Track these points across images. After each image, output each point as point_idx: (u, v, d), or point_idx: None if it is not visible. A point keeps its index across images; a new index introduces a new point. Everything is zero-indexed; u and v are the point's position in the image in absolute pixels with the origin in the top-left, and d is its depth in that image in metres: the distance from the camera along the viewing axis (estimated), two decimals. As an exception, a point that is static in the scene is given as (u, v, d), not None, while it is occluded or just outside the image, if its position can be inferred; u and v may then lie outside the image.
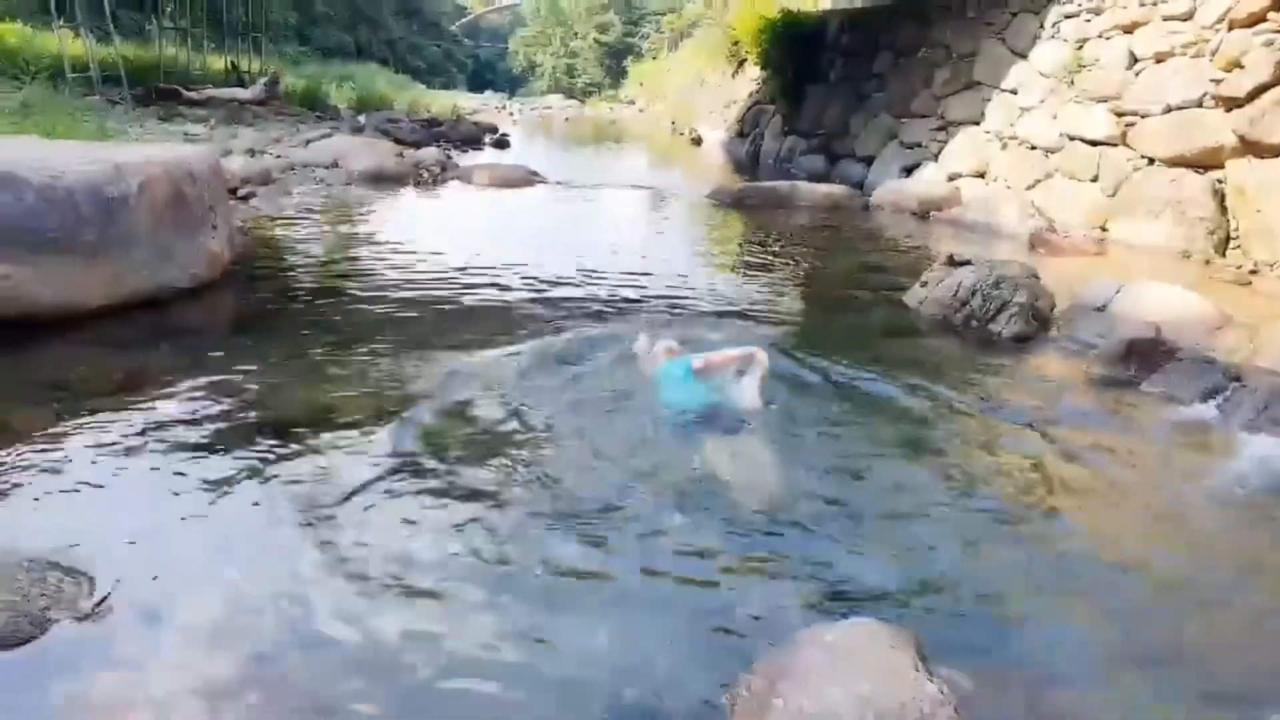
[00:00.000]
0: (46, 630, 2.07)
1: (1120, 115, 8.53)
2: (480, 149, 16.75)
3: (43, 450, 2.99)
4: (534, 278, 5.85)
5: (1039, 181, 9.51)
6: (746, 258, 7.24)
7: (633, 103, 42.18)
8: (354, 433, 3.31)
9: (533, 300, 5.31)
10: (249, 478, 2.92)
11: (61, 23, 14.05)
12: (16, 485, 2.75)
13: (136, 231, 4.57)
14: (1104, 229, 8.52)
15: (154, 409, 3.39)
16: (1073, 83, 9.25)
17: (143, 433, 3.18)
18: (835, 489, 3.07)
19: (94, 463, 2.93)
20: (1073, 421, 3.88)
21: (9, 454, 2.94)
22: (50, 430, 3.14)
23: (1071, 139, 9.13)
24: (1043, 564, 2.71)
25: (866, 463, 3.30)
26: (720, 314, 5.23)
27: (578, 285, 5.70)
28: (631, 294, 5.61)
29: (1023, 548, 2.81)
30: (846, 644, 1.97)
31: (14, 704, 1.90)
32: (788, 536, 2.75)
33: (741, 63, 21.46)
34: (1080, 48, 9.35)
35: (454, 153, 14.14)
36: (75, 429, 3.17)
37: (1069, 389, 4.33)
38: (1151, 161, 8.20)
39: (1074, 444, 3.62)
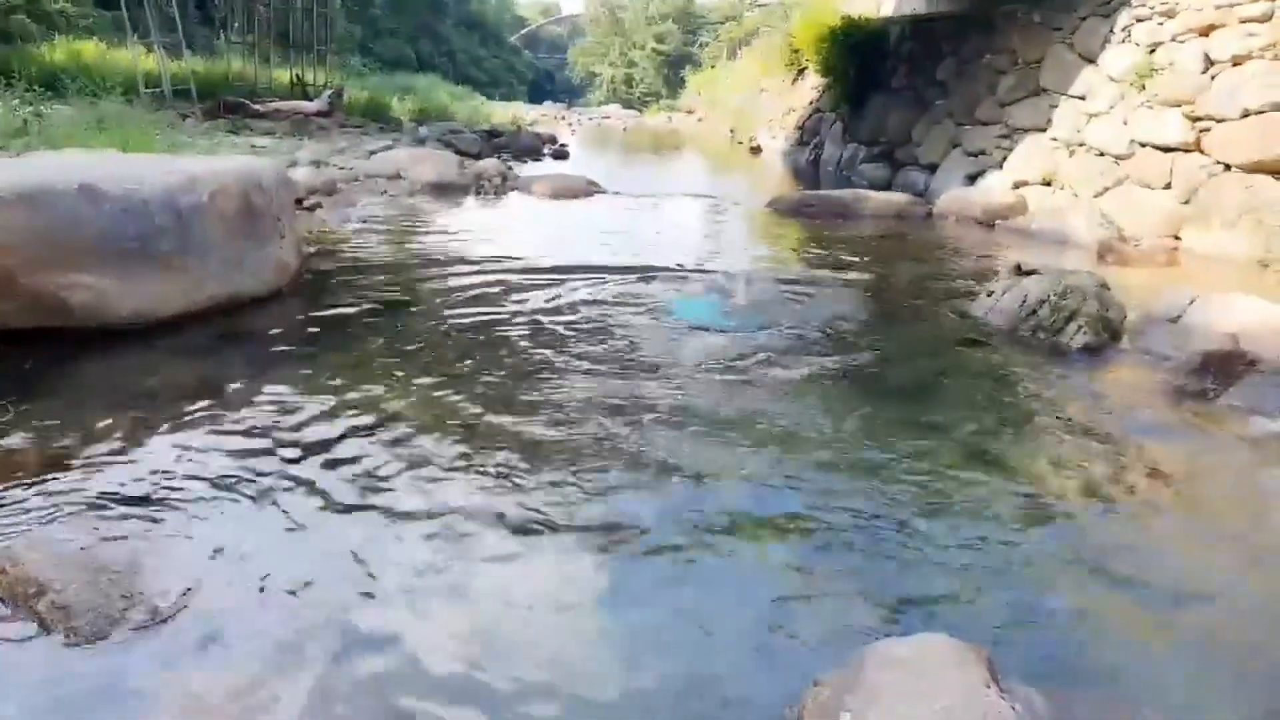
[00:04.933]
0: (124, 632, 2.13)
1: (1194, 120, 8.29)
2: (540, 159, 16.88)
3: (124, 455, 3.08)
4: (596, 290, 5.88)
5: (1108, 189, 9.27)
6: (807, 268, 7.17)
7: (691, 112, 42.18)
8: (421, 438, 3.35)
9: (595, 313, 5.32)
10: (321, 482, 2.97)
11: (135, 39, 14.55)
12: (99, 489, 2.84)
13: (209, 241, 4.69)
14: (1176, 238, 8.28)
15: (229, 415, 3.47)
16: (1144, 87, 9.01)
17: (218, 438, 3.26)
18: (899, 499, 3.02)
19: (172, 467, 3.01)
20: (1147, 434, 3.77)
21: (93, 458, 3.03)
22: (131, 435, 3.23)
23: (1143, 145, 8.89)
24: (1119, 582, 2.63)
25: (932, 474, 3.24)
26: (778, 326, 5.19)
27: (637, 302, 5.68)
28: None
29: (1097, 564, 2.72)
30: (916, 659, 1.92)
31: (92, 698, 1.96)
32: (850, 546, 2.72)
33: (801, 70, 21.36)
34: (1152, 52, 9.11)
35: (514, 163, 14.27)
36: (155, 434, 3.26)
37: (1142, 401, 4.20)
38: (1227, 168, 7.95)
39: (1149, 457, 3.52)
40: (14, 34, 15.52)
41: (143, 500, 2.78)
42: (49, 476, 2.88)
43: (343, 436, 3.34)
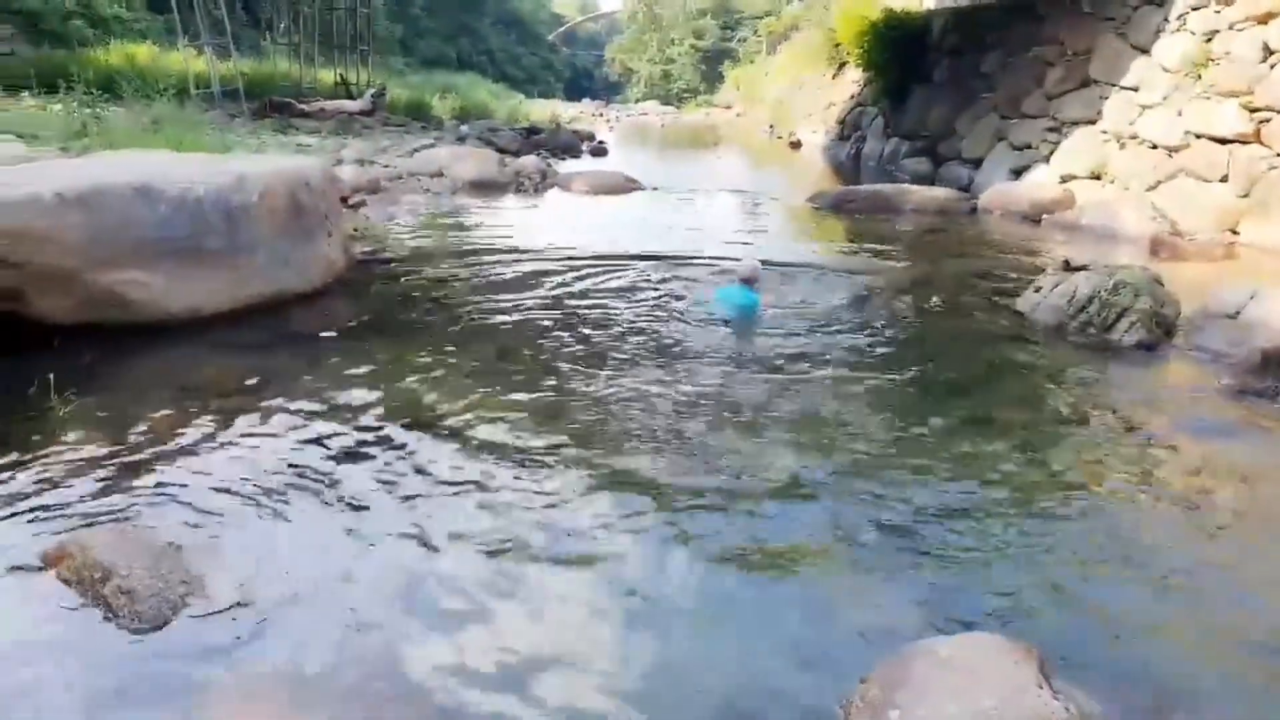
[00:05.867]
0: (185, 615, 2.20)
1: (1253, 111, 8.07)
2: (578, 156, 16.94)
3: (180, 446, 3.15)
4: (636, 285, 5.90)
5: (1161, 182, 9.06)
6: (850, 264, 7.10)
7: (729, 107, 42.01)
8: (465, 432, 3.38)
9: (634, 308, 5.32)
10: (372, 474, 3.03)
11: (186, 41, 14.82)
12: (158, 478, 2.91)
13: (258, 239, 4.77)
14: (1234, 231, 8.07)
15: (277, 408, 3.53)
16: (1200, 77, 8.80)
17: (270, 430, 3.32)
18: (947, 498, 2.99)
19: (226, 459, 3.08)
20: (1203, 434, 3.68)
21: (150, 450, 3.10)
22: (186, 427, 3.31)
23: (1198, 137, 8.68)
24: (1174, 584, 2.58)
25: (979, 473, 3.20)
26: (823, 322, 5.16)
27: (677, 297, 5.65)
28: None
29: (1150, 566, 2.67)
30: (965, 657, 1.91)
31: (156, 681, 2.01)
32: (898, 543, 2.70)
33: (842, 65, 21.17)
34: (1209, 40, 8.89)
35: (553, 161, 14.32)
36: (209, 426, 3.33)
37: (1198, 400, 4.10)
38: (1288, 159, 7.74)
39: (1204, 457, 3.44)
40: (71, 38, 15.89)
41: (199, 490, 2.85)
42: (110, 466, 2.97)
43: (391, 429, 3.38)
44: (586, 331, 4.72)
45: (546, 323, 4.87)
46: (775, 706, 2.02)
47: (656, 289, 5.73)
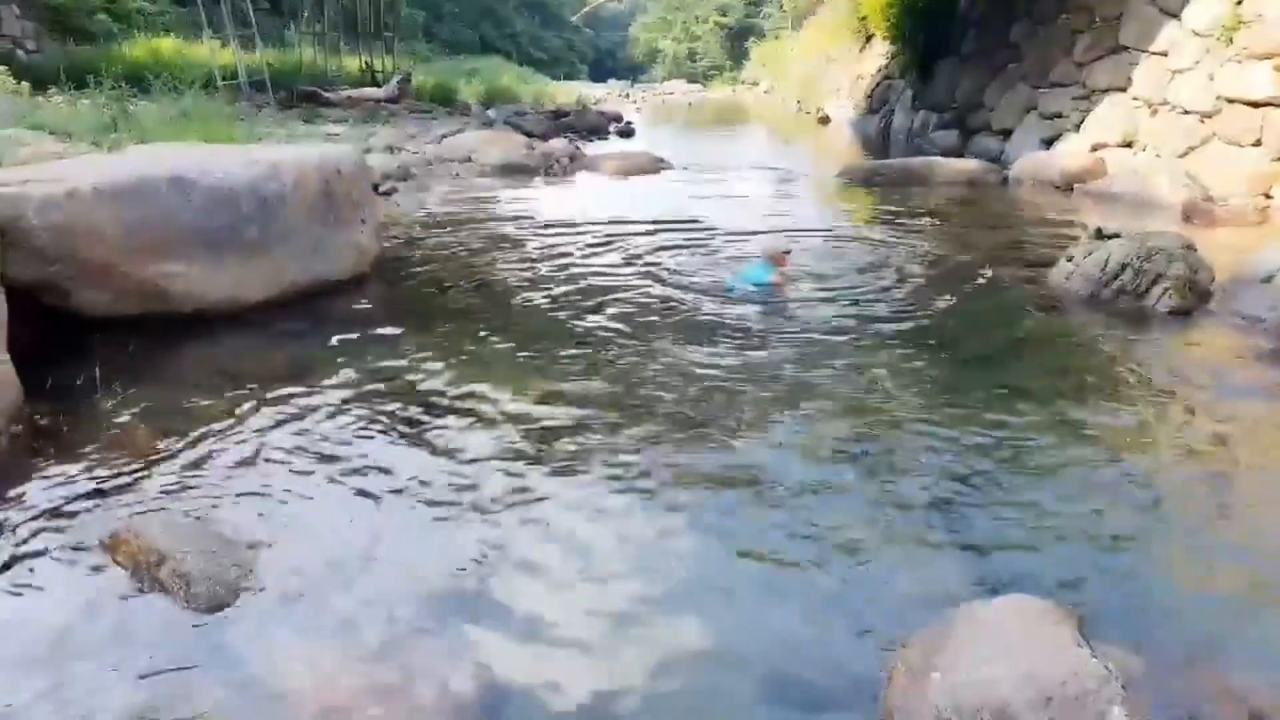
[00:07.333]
0: (239, 598, 2.27)
1: (1288, 73, 7.91)
2: (606, 138, 16.92)
3: (225, 434, 3.23)
4: (665, 264, 5.91)
5: (1193, 148, 8.91)
6: (882, 237, 7.07)
7: (756, 84, 41.71)
8: (504, 414, 3.43)
9: (664, 287, 5.35)
10: (416, 458, 3.08)
11: (210, 33, 14.95)
12: (205, 466, 2.99)
13: (292, 228, 4.83)
14: (1267, 196, 7.94)
15: (319, 394, 3.60)
16: (1231, 41, 8.61)
17: (313, 417, 3.39)
18: (984, 465, 3.00)
19: (271, 445, 3.14)
20: (1238, 397, 3.66)
21: (197, 439, 3.18)
22: (231, 415, 3.38)
23: (1230, 101, 8.52)
24: (1210, 546, 2.59)
25: (1016, 440, 3.20)
26: (855, 295, 5.16)
27: (705, 275, 5.67)
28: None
29: (1189, 527, 2.68)
30: (1006, 619, 1.94)
31: (212, 665, 2.07)
32: (938, 511, 2.72)
33: (869, 38, 20.92)
34: (1239, 3, 8.69)
35: (581, 142, 14.30)
36: (253, 414, 3.40)
37: (1234, 365, 4.07)
38: (1324, 121, 7.58)
39: (1241, 421, 3.42)
40: (97, 33, 16.07)
41: (247, 476, 2.93)
42: (159, 454, 3.05)
43: (431, 412, 3.44)
44: (619, 311, 4.76)
45: (579, 304, 4.92)
46: (817, 673, 2.06)
47: (686, 268, 5.75)
